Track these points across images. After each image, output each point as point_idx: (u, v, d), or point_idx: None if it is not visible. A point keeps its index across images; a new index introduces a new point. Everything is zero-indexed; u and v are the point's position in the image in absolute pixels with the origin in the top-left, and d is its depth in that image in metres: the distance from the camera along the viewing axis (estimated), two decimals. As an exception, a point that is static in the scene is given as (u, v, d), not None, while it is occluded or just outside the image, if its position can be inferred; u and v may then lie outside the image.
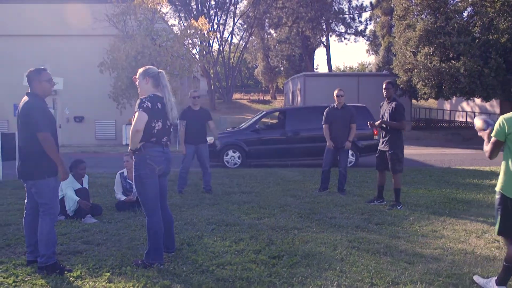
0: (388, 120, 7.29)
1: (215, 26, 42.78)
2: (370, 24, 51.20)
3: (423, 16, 23.51)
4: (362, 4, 65.04)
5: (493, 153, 3.89)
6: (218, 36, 42.77)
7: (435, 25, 21.88)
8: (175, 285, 3.97)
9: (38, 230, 4.39)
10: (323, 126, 8.76)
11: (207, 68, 40.20)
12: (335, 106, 8.70)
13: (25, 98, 4.40)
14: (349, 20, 51.03)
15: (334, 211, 6.99)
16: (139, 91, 4.54)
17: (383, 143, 7.43)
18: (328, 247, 5.05)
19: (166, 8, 32.31)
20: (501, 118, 3.81)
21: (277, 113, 16.19)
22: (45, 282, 4.09)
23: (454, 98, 31.60)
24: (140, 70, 4.56)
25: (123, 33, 20.58)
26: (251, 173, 11.30)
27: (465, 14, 23.61)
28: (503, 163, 3.84)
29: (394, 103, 7.30)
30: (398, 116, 7.20)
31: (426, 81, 22.07)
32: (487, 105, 32.59)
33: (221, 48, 43.94)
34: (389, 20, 41.12)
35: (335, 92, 8.67)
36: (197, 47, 27.89)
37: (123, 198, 7.30)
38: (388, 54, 42.32)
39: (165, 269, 4.36)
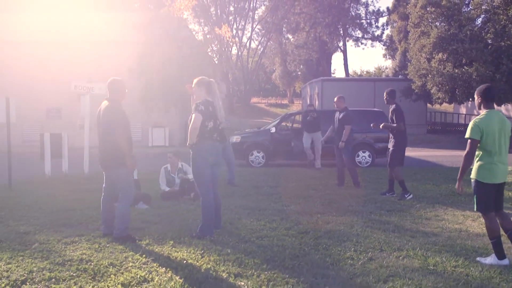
0: (390, 122, 8.38)
1: (234, 31, 43.93)
2: (387, 29, 51.65)
3: (437, 23, 24.32)
4: (379, 9, 65.46)
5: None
6: (237, 41, 43.92)
7: (449, 32, 22.68)
8: (225, 250, 5.05)
9: (116, 208, 5.51)
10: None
11: (226, 73, 41.37)
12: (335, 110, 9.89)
13: (106, 102, 5.51)
14: (366, 25, 51.85)
15: (351, 201, 8.04)
16: (194, 97, 5.68)
17: (389, 142, 8.54)
18: (346, 226, 6.11)
19: (185, 14, 33.51)
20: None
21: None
22: (123, 247, 5.21)
23: (470, 102, 32.24)
24: (195, 81, 5.67)
25: (150, 40, 21.80)
26: (274, 171, 12.38)
27: (478, 21, 24.36)
28: None
29: (392, 107, 8.42)
30: (395, 118, 8.31)
31: (440, 86, 22.90)
32: (503, 109, 33.11)
33: (239, 53, 45.05)
34: (406, 25, 41.79)
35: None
36: (218, 54, 29.04)
37: (167, 189, 8.44)
38: (404, 59, 42.87)
39: (216, 240, 5.46)
